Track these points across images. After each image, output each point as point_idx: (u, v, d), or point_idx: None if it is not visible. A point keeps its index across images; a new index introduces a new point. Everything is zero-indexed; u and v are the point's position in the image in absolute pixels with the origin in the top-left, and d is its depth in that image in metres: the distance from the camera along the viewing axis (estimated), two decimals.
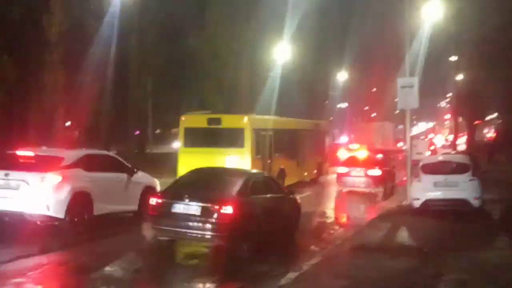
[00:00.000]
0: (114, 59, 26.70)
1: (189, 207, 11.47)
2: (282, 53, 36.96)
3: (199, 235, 11.43)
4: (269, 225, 12.31)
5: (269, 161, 22.64)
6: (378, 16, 50.64)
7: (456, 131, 52.56)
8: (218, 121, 21.78)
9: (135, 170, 15.47)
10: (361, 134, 44.70)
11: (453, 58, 47.33)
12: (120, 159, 15.90)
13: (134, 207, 15.15)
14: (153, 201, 11.90)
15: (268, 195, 12.85)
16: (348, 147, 36.21)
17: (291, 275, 9.42)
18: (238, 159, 20.53)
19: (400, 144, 43.42)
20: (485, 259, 10.54)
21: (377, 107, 69.13)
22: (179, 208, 11.60)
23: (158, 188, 15.87)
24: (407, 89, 17.30)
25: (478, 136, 57.39)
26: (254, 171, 16.58)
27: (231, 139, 21.37)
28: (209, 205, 11.29)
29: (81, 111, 29.11)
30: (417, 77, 17.92)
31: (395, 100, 20.53)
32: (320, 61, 46.76)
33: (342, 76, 59.07)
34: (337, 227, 15.74)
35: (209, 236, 11.29)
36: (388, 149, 34.03)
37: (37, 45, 27.19)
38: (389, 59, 47.15)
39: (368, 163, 23.55)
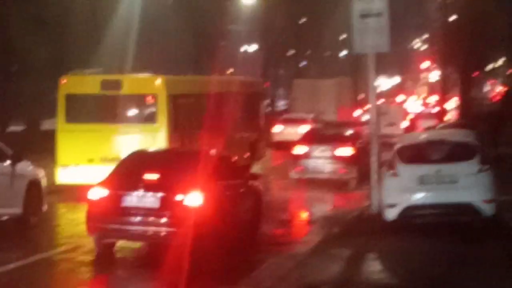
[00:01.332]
0: None
1: (145, 199, 13.65)
2: None
3: (158, 233, 13.66)
4: (233, 221, 14.90)
5: (188, 142, 23.67)
6: None
7: (443, 89, 53.70)
8: (117, 84, 23.16)
9: (18, 158, 16.71)
10: (303, 97, 46.82)
11: None
12: None
13: (17, 209, 16.31)
14: (94, 193, 13.86)
15: (233, 181, 14.83)
16: (285, 118, 39.83)
17: None
18: (148, 138, 22.08)
19: (358, 113, 44.59)
20: None
21: (310, 51, 70.24)
22: (131, 201, 13.65)
23: (44, 183, 17.67)
24: (371, 19, 17.34)
25: (475, 95, 59.35)
26: (213, 150, 17.38)
27: (138, 110, 23.54)
28: (170, 194, 13.52)
29: None
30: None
31: (342, 37, 20.78)
32: None
33: None
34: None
35: (169, 233, 13.34)
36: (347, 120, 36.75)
37: None
38: None
39: (335, 139, 25.91)
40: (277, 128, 37.59)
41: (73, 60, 36.74)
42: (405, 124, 45.52)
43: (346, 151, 24.50)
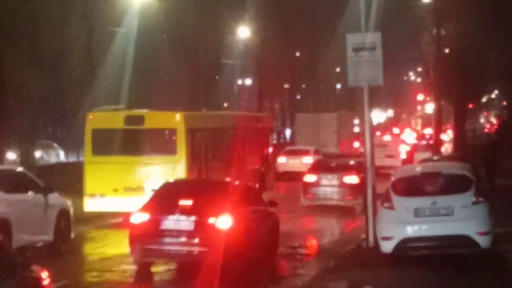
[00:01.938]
0: None
1: (180, 222, 15.79)
2: None
3: (192, 252, 15.74)
4: (256, 243, 16.83)
5: (205, 172, 25.70)
6: None
7: (438, 122, 53.72)
8: (140, 119, 24.92)
9: (50, 189, 17.90)
10: (305, 129, 48.32)
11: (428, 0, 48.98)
12: (31, 175, 18.62)
13: (49, 236, 17.29)
14: (136, 218, 15.82)
15: (255, 207, 16.14)
16: (289, 150, 41.33)
17: None
18: (169, 169, 23.69)
19: (357, 144, 44.93)
20: None
21: (305, 84, 70.35)
22: (169, 224, 15.74)
23: (71, 211, 19.02)
24: (365, 52, 17.34)
25: (470, 127, 59.40)
26: (237, 181, 19.81)
27: (159, 143, 24.89)
28: (203, 218, 15.53)
29: None
30: (379, 33, 18.05)
31: (337, 70, 20.91)
32: (207, 10, 47.17)
33: (243, 32, 59.35)
34: None
35: (201, 252, 15.37)
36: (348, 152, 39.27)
37: None
38: (319, 4, 48.04)
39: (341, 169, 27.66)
40: (281, 160, 38.79)
41: (67, 94, 36.91)
42: (403, 156, 46.18)
43: (352, 179, 25.27)
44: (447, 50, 49.47)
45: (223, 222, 15.32)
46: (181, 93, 40.42)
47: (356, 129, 50.83)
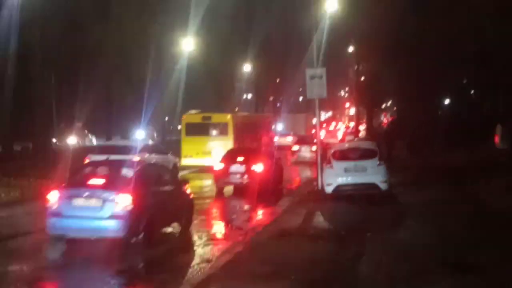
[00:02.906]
0: (15, 53, 25.03)
1: (238, 168, 19.48)
2: (187, 46, 37.44)
3: (243, 181, 19.24)
4: (273, 178, 20.04)
5: (242, 145, 27.22)
6: (280, 10, 50.71)
7: (357, 119, 54.04)
8: (209, 117, 28.07)
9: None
10: (289, 123, 50.75)
11: (352, 49, 48.85)
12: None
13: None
14: (217, 166, 20.11)
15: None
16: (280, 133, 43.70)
17: (218, 263, 9.34)
18: (223, 143, 25.75)
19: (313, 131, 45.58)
20: (398, 240, 10.92)
21: (282, 97, 70.24)
22: (232, 169, 19.53)
23: (178, 164, 24.93)
24: (316, 79, 17.39)
25: (375, 122, 59.29)
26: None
27: (219, 130, 27.37)
28: (248, 166, 19.22)
29: None
30: (325, 68, 17.99)
31: (300, 89, 20.93)
32: (226, 53, 46.73)
33: (247, 67, 59.25)
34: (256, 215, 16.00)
35: (248, 182, 19.03)
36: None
37: None
38: (291, 50, 47.89)
39: (310, 143, 31.47)
40: (275, 138, 39.45)
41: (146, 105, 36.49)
42: (339, 137, 49.71)
43: (314, 148, 25.06)
44: (362, 78, 49.39)
45: (258, 168, 19.24)
46: (213, 103, 40.65)
47: (314, 122, 50.88)
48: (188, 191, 13.01)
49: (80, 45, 31.62)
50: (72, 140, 39.63)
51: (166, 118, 51.67)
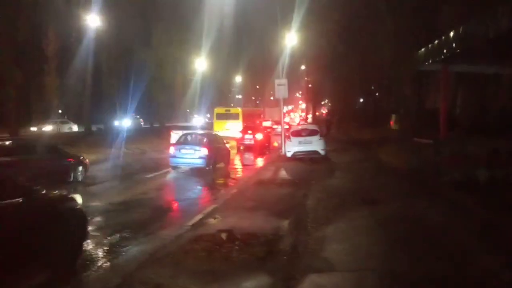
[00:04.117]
0: (91, 68, 24.84)
1: (249, 136, 22.07)
2: (200, 63, 37.63)
3: (252, 143, 22.01)
4: (267, 143, 23.03)
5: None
6: (261, 42, 50.22)
7: (306, 111, 54.20)
8: (230, 110, 28.08)
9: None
10: (269, 113, 48.89)
11: (303, 66, 48.67)
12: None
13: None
14: (238, 135, 22.80)
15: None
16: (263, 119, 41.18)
17: (221, 200, 9.22)
18: (237, 125, 25.74)
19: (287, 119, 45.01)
20: (330, 185, 10.72)
21: (260, 97, 69.93)
22: (246, 137, 22.07)
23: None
24: (281, 86, 17.31)
25: (318, 112, 59.32)
26: (260, 126, 25.85)
27: (234, 117, 26.79)
28: (254, 135, 22.13)
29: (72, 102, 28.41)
30: (286, 78, 18.01)
31: (271, 92, 21.13)
32: (225, 68, 46.54)
33: (238, 78, 58.99)
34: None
35: (254, 143, 21.89)
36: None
37: (39, 59, 25.28)
38: (266, 67, 47.65)
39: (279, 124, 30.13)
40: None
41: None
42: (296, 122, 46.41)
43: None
44: (310, 85, 49.26)
45: (258, 136, 21.79)
46: (217, 100, 40.30)
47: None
48: (228, 146, 16.28)
49: (132, 60, 31.34)
50: (48, 127, 31.57)
51: (188, 110, 51.20)
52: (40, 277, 4.59)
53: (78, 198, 5.55)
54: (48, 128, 31.03)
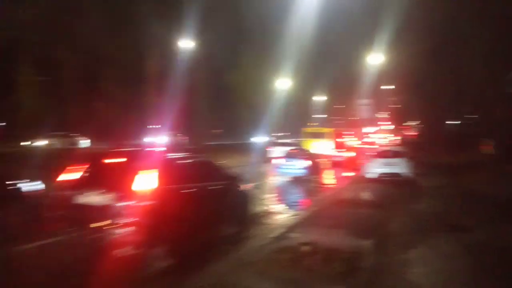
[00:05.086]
0: (185, 87, 26.80)
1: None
2: (282, 83, 37.99)
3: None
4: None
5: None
6: (344, 60, 49.54)
7: (395, 131, 51.55)
8: (318, 129, 26.12)
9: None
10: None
11: (386, 87, 46.78)
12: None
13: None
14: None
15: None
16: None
17: (304, 214, 9.56)
18: (325, 143, 23.83)
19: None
20: (415, 209, 10.42)
21: (343, 116, 68.36)
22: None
23: None
24: (365, 106, 17.07)
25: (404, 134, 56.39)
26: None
27: (323, 135, 24.51)
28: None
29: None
30: (370, 99, 17.71)
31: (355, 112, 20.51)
32: (305, 89, 46.66)
33: (321, 98, 58.63)
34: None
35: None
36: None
37: (140, 81, 27.91)
38: (350, 87, 46.77)
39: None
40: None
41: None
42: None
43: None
44: (396, 106, 47.12)
45: (349, 154, 21.79)
46: (296, 117, 39.63)
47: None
48: (318, 161, 17.31)
49: (221, 80, 32.98)
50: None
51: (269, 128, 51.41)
52: (230, 229, 7.54)
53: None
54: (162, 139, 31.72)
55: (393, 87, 46.03)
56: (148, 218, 5.36)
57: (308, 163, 15.78)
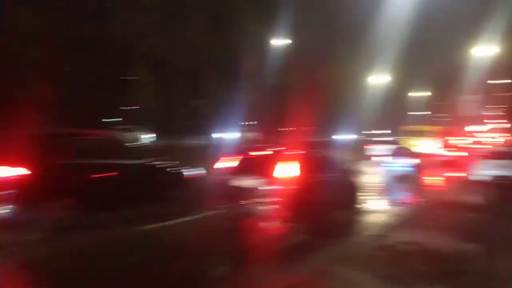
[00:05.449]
0: (279, 85, 27.22)
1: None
2: (377, 79, 36.99)
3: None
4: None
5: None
6: (449, 53, 45.22)
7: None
8: (422, 127, 25.72)
9: None
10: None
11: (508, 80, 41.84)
12: None
13: None
14: None
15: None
16: None
17: (407, 214, 9.44)
18: (432, 141, 23.41)
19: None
20: None
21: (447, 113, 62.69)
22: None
23: None
24: (472, 102, 15.95)
25: None
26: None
27: (427, 134, 24.25)
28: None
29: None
30: (479, 95, 16.43)
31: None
32: (407, 82, 44.19)
33: (419, 94, 54.74)
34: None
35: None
36: None
37: (236, 79, 29.01)
38: (455, 82, 43.04)
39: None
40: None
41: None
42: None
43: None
44: None
45: (456, 153, 20.47)
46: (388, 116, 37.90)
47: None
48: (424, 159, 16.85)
49: (316, 77, 32.80)
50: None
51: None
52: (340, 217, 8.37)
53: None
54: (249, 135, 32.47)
55: (509, 81, 41.37)
56: (289, 200, 7.04)
57: (416, 161, 15.13)
